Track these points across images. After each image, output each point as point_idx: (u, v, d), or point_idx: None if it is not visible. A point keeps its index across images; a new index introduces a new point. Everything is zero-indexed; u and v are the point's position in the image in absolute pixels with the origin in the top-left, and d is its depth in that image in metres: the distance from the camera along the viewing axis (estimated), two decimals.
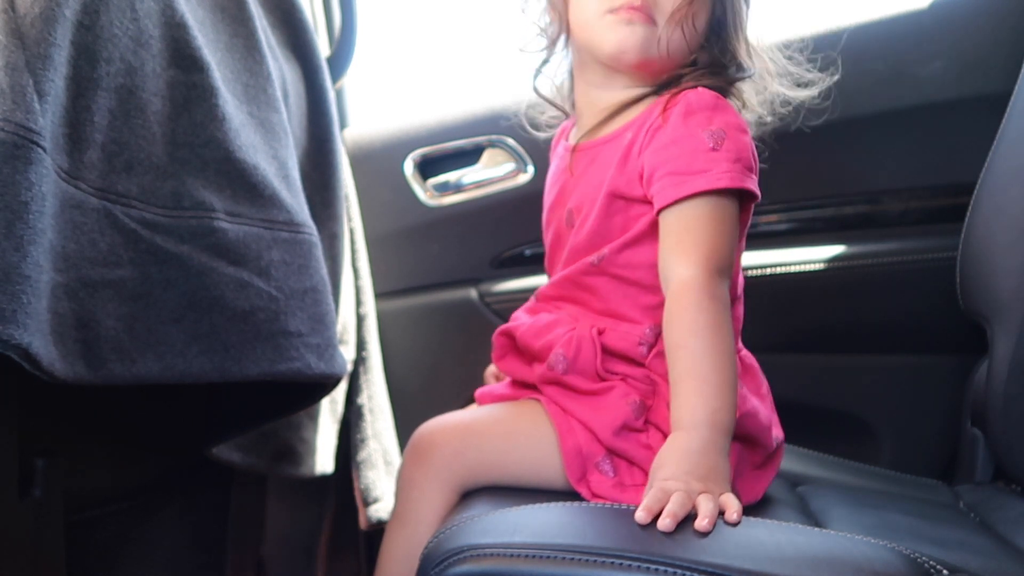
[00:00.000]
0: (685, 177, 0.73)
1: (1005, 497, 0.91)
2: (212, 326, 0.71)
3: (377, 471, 1.15)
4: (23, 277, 0.57)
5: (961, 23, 1.13)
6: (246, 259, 0.74)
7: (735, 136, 0.76)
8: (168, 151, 0.71)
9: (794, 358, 1.21)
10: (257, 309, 0.74)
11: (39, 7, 0.60)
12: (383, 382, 1.24)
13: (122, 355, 0.66)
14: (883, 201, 1.19)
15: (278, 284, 0.76)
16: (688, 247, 0.73)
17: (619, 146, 0.80)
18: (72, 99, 0.63)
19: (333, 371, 0.80)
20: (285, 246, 0.77)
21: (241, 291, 0.73)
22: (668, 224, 0.75)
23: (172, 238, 0.70)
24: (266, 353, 0.74)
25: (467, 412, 0.87)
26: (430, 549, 0.63)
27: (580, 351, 0.78)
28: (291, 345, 0.76)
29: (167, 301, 0.69)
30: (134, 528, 0.85)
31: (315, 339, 0.78)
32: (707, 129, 0.75)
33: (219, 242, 0.72)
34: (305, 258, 0.78)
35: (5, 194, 0.56)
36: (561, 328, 0.81)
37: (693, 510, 0.62)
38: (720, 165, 0.73)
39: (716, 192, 0.73)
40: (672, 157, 0.75)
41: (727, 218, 0.74)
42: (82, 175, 0.64)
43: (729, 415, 0.69)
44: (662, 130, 0.76)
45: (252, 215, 0.75)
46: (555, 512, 0.66)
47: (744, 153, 0.76)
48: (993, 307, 0.94)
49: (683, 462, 0.66)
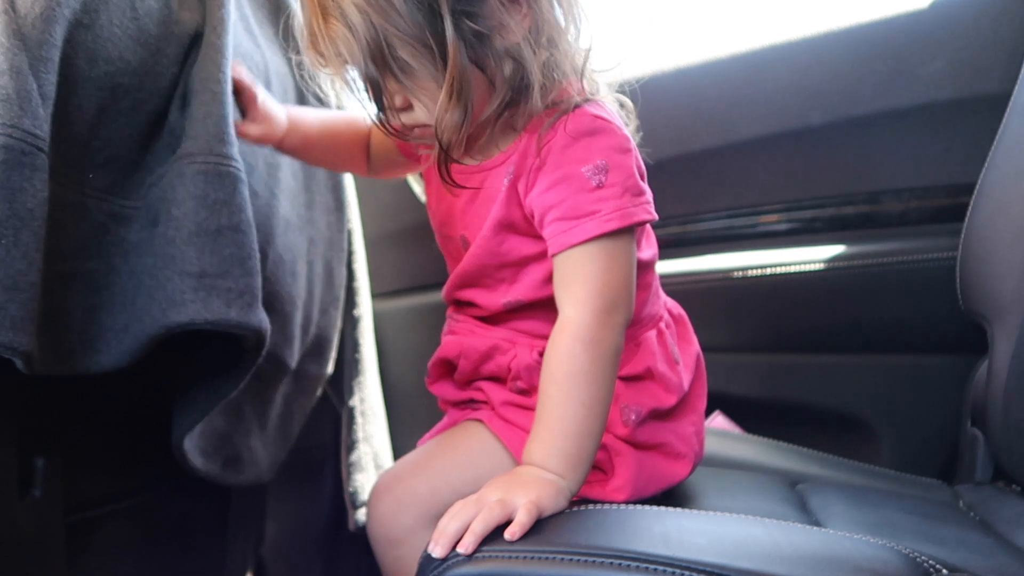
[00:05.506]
0: (573, 223, 0.70)
1: (1005, 497, 0.91)
2: (134, 294, 0.68)
3: (367, 474, 1.14)
4: (30, 285, 0.57)
5: (961, 23, 1.13)
6: (162, 212, 0.68)
7: (618, 163, 0.71)
8: (145, 146, 0.70)
9: (794, 358, 1.21)
10: (158, 257, 0.68)
11: (39, 7, 0.59)
12: (377, 385, 1.24)
13: (85, 345, 0.66)
14: (883, 201, 1.19)
15: (178, 223, 0.68)
16: (575, 287, 0.71)
17: (500, 178, 0.76)
18: (65, 97, 0.63)
19: (246, 321, 0.70)
20: (198, 180, 0.69)
21: (147, 245, 0.68)
22: (558, 266, 0.73)
23: (133, 228, 0.69)
24: (162, 303, 0.67)
25: (415, 456, 0.84)
26: (427, 554, 0.63)
27: (533, 374, 0.77)
28: (187, 287, 0.67)
29: (130, 289, 0.68)
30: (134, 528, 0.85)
31: (226, 282, 0.69)
32: (588, 164, 0.70)
33: (151, 210, 0.69)
34: (226, 193, 0.70)
35: (14, 202, 0.56)
36: (504, 356, 0.80)
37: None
38: (607, 204, 0.70)
39: (607, 233, 0.71)
40: (558, 201, 0.71)
41: (620, 253, 0.72)
42: (62, 171, 0.64)
43: (573, 463, 0.68)
44: (543, 172, 0.72)
45: (169, 158, 0.70)
46: (551, 515, 0.66)
47: (630, 179, 0.72)
48: (993, 307, 0.94)
49: (502, 479, 0.67)
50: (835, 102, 1.18)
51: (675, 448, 0.80)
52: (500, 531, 0.62)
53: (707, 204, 1.27)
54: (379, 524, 0.80)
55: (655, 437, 0.78)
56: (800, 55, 1.21)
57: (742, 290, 1.23)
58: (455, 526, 0.62)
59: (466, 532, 0.61)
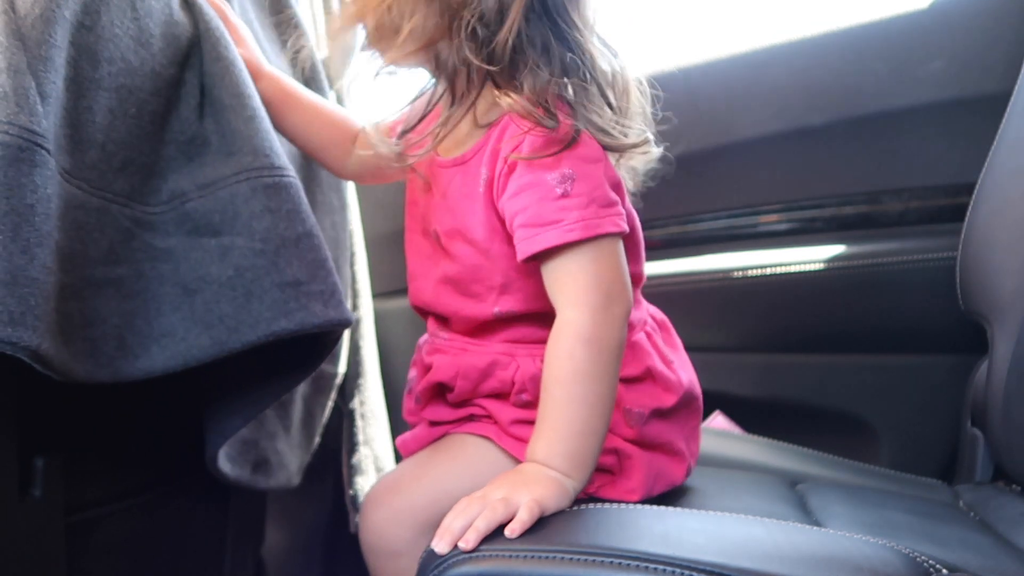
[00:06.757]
0: (537, 230, 0.69)
1: (1005, 497, 0.91)
2: (206, 304, 0.69)
3: (367, 477, 1.14)
4: (30, 280, 0.57)
5: (961, 23, 1.13)
6: (224, 224, 0.71)
7: (586, 173, 0.70)
8: (156, 149, 0.71)
9: (794, 358, 1.21)
10: (244, 270, 0.70)
11: (39, 8, 0.60)
12: (379, 387, 1.24)
13: (125, 351, 0.66)
14: (883, 201, 1.20)
15: (264, 236, 0.71)
16: (566, 287, 0.71)
17: (475, 181, 0.75)
18: (74, 100, 0.63)
19: (342, 316, 0.74)
20: (269, 192, 0.72)
21: (224, 258, 0.70)
22: (546, 271, 0.72)
23: (159, 234, 0.70)
24: (263, 313, 0.70)
25: (410, 466, 0.82)
26: (429, 551, 0.63)
27: (538, 383, 0.75)
28: (289, 296, 0.71)
29: (162, 294, 0.69)
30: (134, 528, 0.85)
31: (317, 286, 0.73)
32: (554, 171, 0.69)
33: (196, 222, 0.70)
34: (294, 202, 0.73)
35: (11, 197, 0.56)
36: (506, 370, 0.78)
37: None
38: (571, 214, 0.69)
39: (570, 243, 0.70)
40: (521, 208, 0.70)
41: (602, 254, 0.71)
42: (83, 175, 0.64)
43: (578, 463, 0.68)
44: (511, 177, 0.71)
45: (226, 175, 0.72)
46: (553, 514, 0.66)
47: (598, 190, 0.70)
48: (993, 307, 0.94)
49: (506, 476, 0.67)
50: (835, 102, 1.18)
51: (677, 447, 0.80)
52: (502, 529, 0.62)
53: (707, 204, 1.27)
54: (375, 535, 0.79)
55: (660, 436, 0.78)
56: (800, 55, 1.21)
57: (742, 290, 1.23)
58: (459, 523, 0.62)
59: (469, 529, 0.62)
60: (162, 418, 0.85)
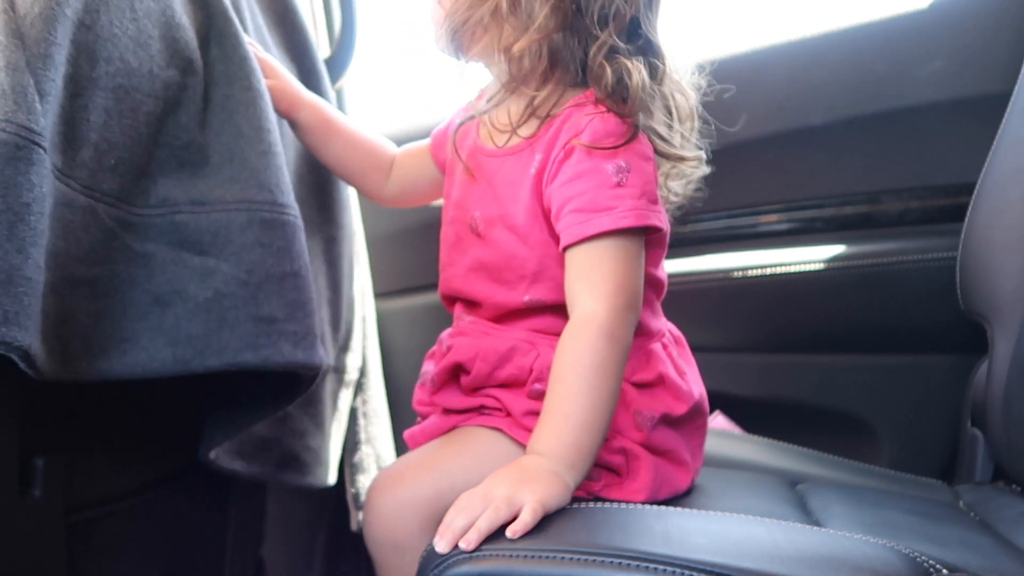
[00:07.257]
0: (590, 215, 0.72)
1: (1005, 497, 0.91)
2: (176, 319, 0.69)
3: (369, 476, 1.14)
4: (25, 279, 0.56)
5: (961, 23, 1.14)
6: (213, 246, 0.71)
7: (640, 168, 0.74)
8: (149, 151, 0.70)
9: (794, 358, 1.21)
10: (223, 296, 0.71)
11: (39, 7, 0.60)
12: (381, 386, 1.24)
13: (88, 352, 0.66)
14: (883, 201, 1.20)
15: (250, 268, 0.72)
16: (595, 281, 0.72)
17: (526, 167, 0.77)
18: (70, 98, 0.63)
19: (311, 361, 0.75)
20: (265, 227, 0.73)
21: (205, 280, 0.70)
22: (574, 259, 0.74)
23: (139, 237, 0.70)
24: (232, 341, 0.71)
25: (417, 457, 0.82)
26: (430, 550, 0.63)
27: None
28: (261, 331, 0.72)
29: (132, 299, 0.69)
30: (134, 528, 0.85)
31: (292, 326, 0.74)
32: (612, 162, 0.73)
33: (183, 235, 0.71)
34: (287, 240, 0.74)
35: (8, 195, 0.56)
36: (525, 357, 0.79)
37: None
38: (625, 202, 0.72)
39: (621, 230, 0.72)
40: (577, 193, 0.73)
41: (633, 254, 0.74)
42: (73, 173, 0.64)
43: (582, 455, 0.69)
44: (566, 163, 0.74)
45: (225, 199, 0.73)
46: (553, 513, 0.66)
47: (649, 186, 0.74)
48: (993, 307, 0.94)
49: (508, 472, 0.67)
50: (835, 102, 1.18)
51: (682, 456, 0.80)
52: (503, 528, 0.62)
53: (707, 204, 1.27)
54: (380, 525, 0.79)
55: (667, 443, 0.78)
56: (800, 55, 1.21)
57: (742, 290, 1.23)
58: (461, 522, 0.62)
59: (471, 528, 0.61)
60: (162, 418, 0.85)
